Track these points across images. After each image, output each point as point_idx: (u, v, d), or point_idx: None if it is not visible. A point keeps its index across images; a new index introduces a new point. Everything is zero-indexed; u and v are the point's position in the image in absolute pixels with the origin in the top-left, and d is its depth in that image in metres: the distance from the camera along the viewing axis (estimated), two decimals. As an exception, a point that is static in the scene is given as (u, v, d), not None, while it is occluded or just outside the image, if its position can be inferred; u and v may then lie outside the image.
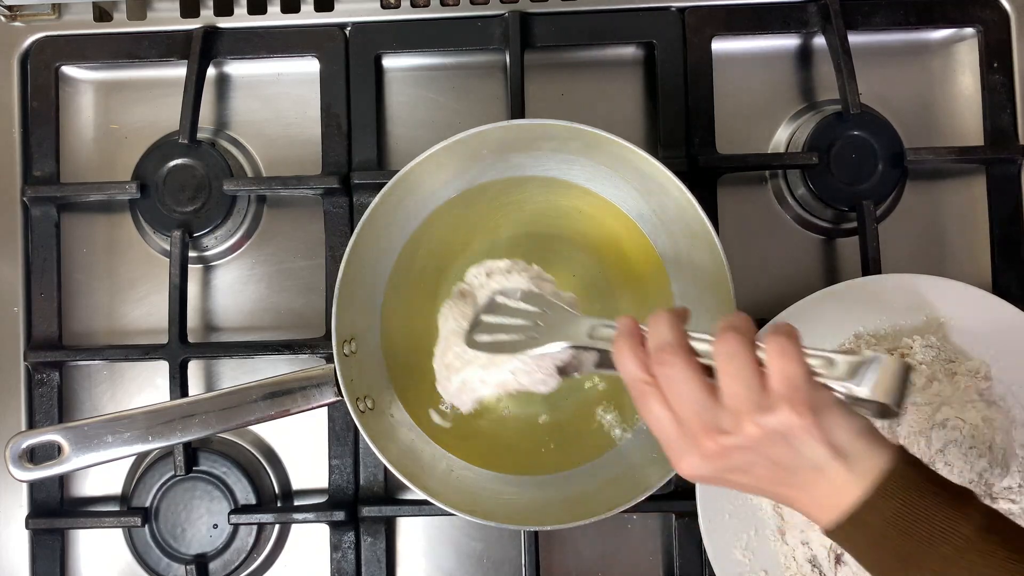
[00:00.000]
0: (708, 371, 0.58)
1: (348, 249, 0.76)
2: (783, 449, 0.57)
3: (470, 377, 0.70)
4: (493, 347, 0.69)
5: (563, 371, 0.70)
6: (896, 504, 0.55)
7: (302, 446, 0.90)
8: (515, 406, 0.83)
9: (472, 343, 0.70)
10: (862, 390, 0.56)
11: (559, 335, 0.67)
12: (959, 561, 0.54)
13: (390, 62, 0.93)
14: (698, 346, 0.59)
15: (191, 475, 0.87)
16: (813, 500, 0.58)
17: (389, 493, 0.88)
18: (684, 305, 0.81)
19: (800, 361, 0.56)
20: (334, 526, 0.87)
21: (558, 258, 0.83)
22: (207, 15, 0.93)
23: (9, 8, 0.92)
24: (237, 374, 0.91)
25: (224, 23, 0.92)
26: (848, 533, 0.57)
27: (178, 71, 0.91)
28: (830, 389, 0.57)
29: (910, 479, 0.56)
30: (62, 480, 0.89)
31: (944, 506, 0.55)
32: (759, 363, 0.57)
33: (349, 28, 0.92)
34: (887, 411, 0.57)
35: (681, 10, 0.91)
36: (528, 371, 0.69)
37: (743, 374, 0.57)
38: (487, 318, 0.71)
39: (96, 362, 0.91)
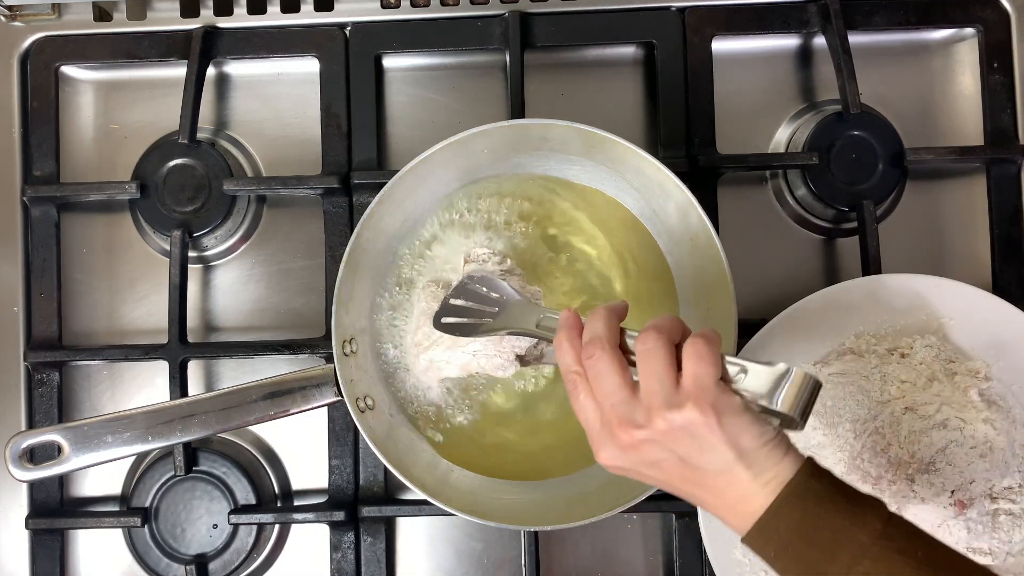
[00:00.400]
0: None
1: (348, 249, 0.76)
2: (689, 445, 0.59)
3: (436, 357, 0.76)
4: (454, 328, 0.74)
5: (522, 359, 0.74)
6: (799, 513, 0.57)
7: (302, 446, 0.90)
8: (514, 409, 0.83)
9: (437, 324, 0.75)
10: (768, 400, 0.59)
11: (508, 322, 0.72)
12: (856, 567, 0.56)
13: (390, 62, 0.93)
14: (629, 343, 0.63)
15: (191, 475, 0.87)
16: (725, 505, 0.60)
17: (389, 493, 0.88)
18: (685, 303, 0.81)
19: (711, 364, 0.59)
20: (334, 526, 0.87)
21: (559, 257, 0.83)
22: (207, 15, 0.93)
23: (9, 8, 0.92)
24: (237, 374, 0.91)
25: (224, 23, 0.92)
26: (758, 541, 0.59)
27: (178, 71, 0.91)
28: (740, 396, 0.59)
29: (812, 489, 0.58)
30: (62, 480, 0.89)
31: (844, 514, 0.57)
32: (678, 363, 0.60)
33: (349, 28, 0.92)
34: (791, 423, 0.60)
35: (681, 10, 0.91)
36: (488, 355, 0.74)
37: (658, 372, 0.59)
38: (455, 301, 0.75)
39: (96, 362, 0.91)
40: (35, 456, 0.77)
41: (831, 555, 0.56)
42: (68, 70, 0.93)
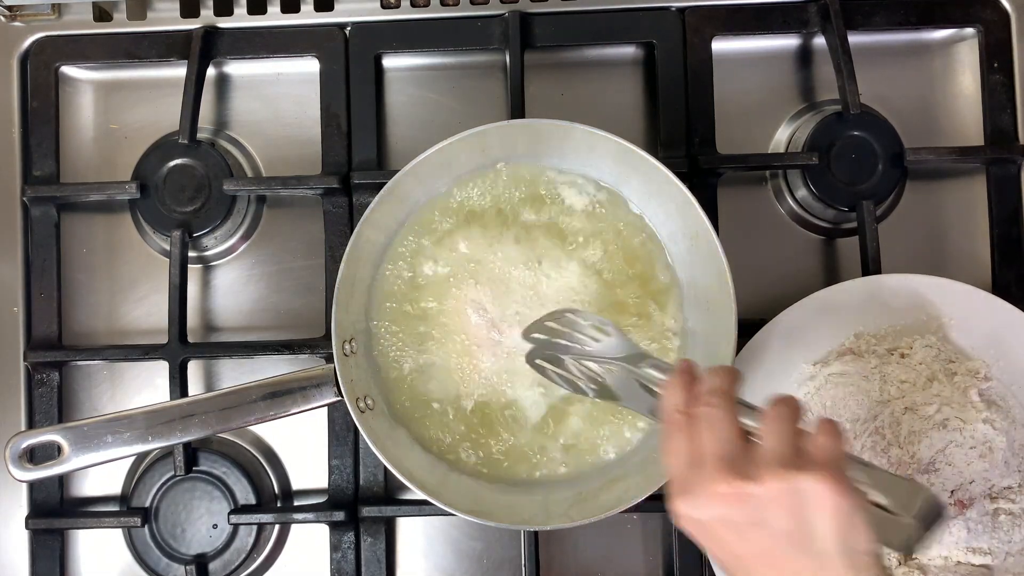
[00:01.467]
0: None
1: (348, 249, 0.76)
2: (796, 518, 0.55)
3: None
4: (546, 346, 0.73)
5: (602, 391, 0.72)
6: None
7: (302, 446, 0.90)
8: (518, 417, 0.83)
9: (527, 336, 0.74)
10: (895, 505, 0.55)
11: (615, 350, 0.70)
12: None
13: (390, 62, 0.93)
14: (742, 409, 0.61)
15: (191, 475, 0.87)
16: None
17: (389, 493, 0.88)
18: (685, 303, 0.81)
19: (840, 442, 0.56)
20: (334, 526, 0.87)
21: (560, 255, 0.83)
22: (207, 15, 0.93)
23: (9, 8, 0.92)
24: (237, 374, 0.91)
25: (224, 23, 0.92)
26: None
27: (178, 71, 0.91)
28: (868, 499, 0.56)
29: None
30: (62, 480, 0.89)
31: None
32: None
33: (349, 28, 0.92)
34: (907, 542, 0.56)
35: (681, 10, 0.91)
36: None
37: (788, 436, 0.57)
38: (550, 323, 0.73)
39: (96, 362, 0.91)
40: (35, 456, 0.77)
41: None
42: (68, 70, 0.93)
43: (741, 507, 0.56)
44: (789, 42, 0.93)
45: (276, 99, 0.94)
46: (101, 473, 0.90)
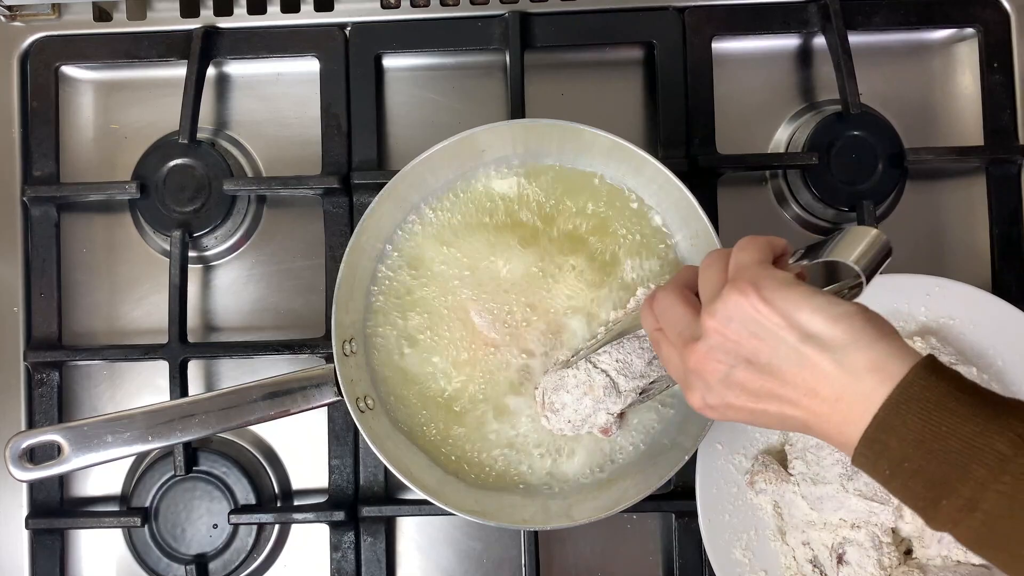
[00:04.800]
0: None
1: (348, 249, 0.76)
2: (748, 340, 0.53)
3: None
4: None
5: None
6: (917, 419, 0.47)
7: (302, 446, 0.90)
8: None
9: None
10: (815, 258, 0.53)
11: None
12: (993, 485, 0.45)
13: (390, 62, 0.93)
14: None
15: (191, 475, 0.87)
16: (826, 414, 0.50)
17: (389, 493, 0.88)
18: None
19: (754, 249, 0.55)
20: (334, 526, 0.87)
21: (561, 254, 0.83)
22: (207, 15, 0.93)
23: (9, 8, 0.92)
24: (237, 374, 0.91)
25: (224, 23, 0.92)
26: (868, 459, 0.49)
27: (178, 71, 0.91)
28: (790, 270, 0.54)
29: (931, 387, 0.47)
30: (62, 480, 0.89)
31: (977, 418, 0.46)
32: None
33: (349, 28, 0.92)
34: (854, 282, 0.53)
35: (681, 10, 0.91)
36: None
37: (711, 278, 0.56)
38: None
39: (96, 362, 0.91)
40: (35, 456, 0.77)
41: (962, 470, 0.46)
42: (68, 70, 0.93)
43: (711, 364, 0.55)
44: (789, 42, 0.93)
45: (276, 99, 0.94)
46: (101, 473, 0.90)
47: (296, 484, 0.91)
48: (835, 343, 0.50)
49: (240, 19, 0.93)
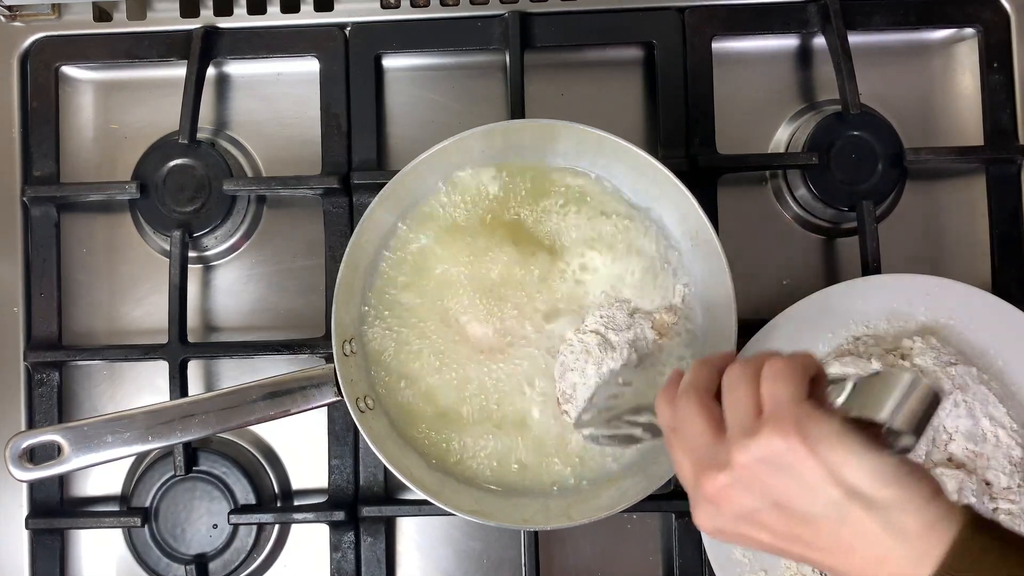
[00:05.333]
0: None
1: (348, 249, 0.76)
2: (781, 484, 0.50)
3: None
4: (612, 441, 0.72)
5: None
6: None
7: (302, 446, 0.90)
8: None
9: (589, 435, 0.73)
10: (869, 412, 0.49)
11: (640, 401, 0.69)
12: None
13: (390, 62, 0.93)
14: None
15: (191, 475, 0.87)
16: (867, 572, 0.49)
17: (389, 493, 0.88)
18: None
19: (792, 382, 0.51)
20: (334, 526, 0.87)
21: (561, 254, 0.83)
22: (207, 15, 0.93)
23: (9, 8, 0.92)
24: (237, 374, 0.91)
25: (224, 23, 0.92)
26: None
27: (178, 71, 0.91)
28: (838, 415, 0.50)
29: (986, 547, 0.46)
30: (62, 480, 0.89)
31: None
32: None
33: (349, 28, 0.92)
34: (899, 444, 0.50)
35: (681, 10, 0.91)
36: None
37: (740, 402, 0.53)
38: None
39: (96, 362, 0.91)
40: (35, 456, 0.77)
41: None
42: (68, 70, 0.93)
43: (733, 498, 0.52)
44: (789, 42, 0.93)
45: (276, 99, 0.94)
46: (101, 473, 0.90)
47: (296, 484, 0.91)
48: (882, 503, 0.48)
49: (240, 19, 0.93)
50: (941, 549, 0.47)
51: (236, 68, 0.94)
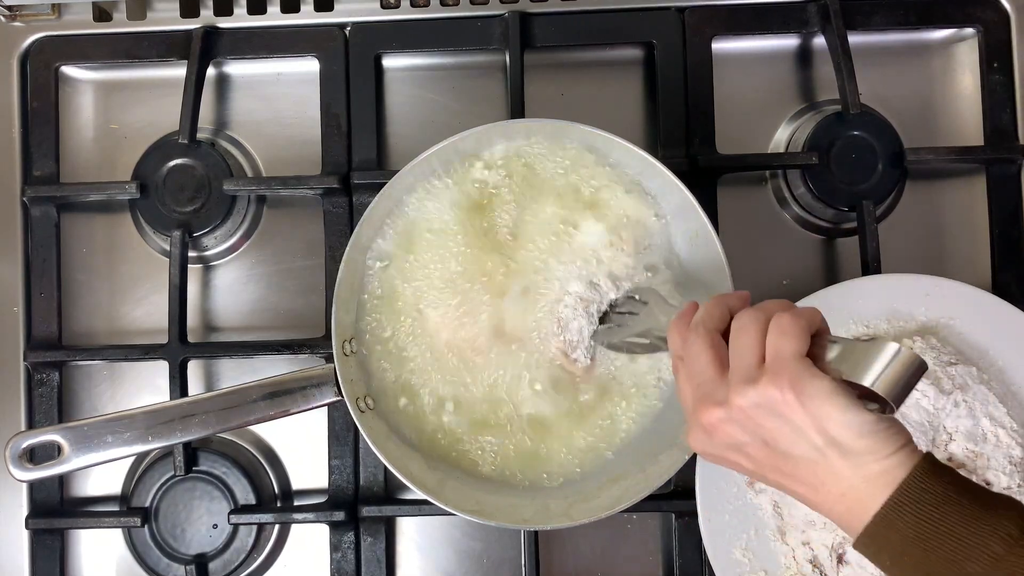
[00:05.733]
0: None
1: (348, 249, 0.76)
2: (772, 427, 0.56)
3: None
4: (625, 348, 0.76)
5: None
6: (915, 518, 0.51)
7: (302, 446, 0.90)
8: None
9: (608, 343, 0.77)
10: (860, 378, 0.54)
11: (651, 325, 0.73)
12: None
13: (390, 62, 0.93)
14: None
15: (191, 475, 0.87)
16: (827, 501, 0.56)
17: (389, 493, 0.88)
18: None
19: (794, 337, 0.56)
20: (334, 526, 0.87)
21: (562, 252, 0.82)
22: (207, 15, 0.93)
23: (9, 8, 0.92)
24: (237, 374, 0.91)
25: (224, 23, 0.92)
26: (870, 548, 0.54)
27: (178, 71, 0.91)
28: (830, 375, 0.55)
29: (931, 489, 0.52)
30: (62, 480, 0.89)
31: (971, 519, 0.50)
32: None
33: (349, 28, 0.92)
34: (884, 405, 0.55)
35: (681, 10, 0.91)
36: None
37: (745, 349, 0.57)
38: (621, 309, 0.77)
39: (96, 362, 0.91)
40: (35, 456, 0.77)
41: (958, 567, 0.50)
42: (68, 70, 0.93)
43: (726, 431, 0.58)
44: (789, 42, 0.93)
45: (276, 99, 0.94)
46: (101, 473, 0.90)
47: (296, 484, 0.91)
48: (856, 451, 0.54)
49: (240, 19, 0.93)
50: (893, 487, 0.53)
51: (236, 68, 0.94)
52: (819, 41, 0.92)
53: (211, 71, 0.93)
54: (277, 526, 0.89)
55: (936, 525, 0.51)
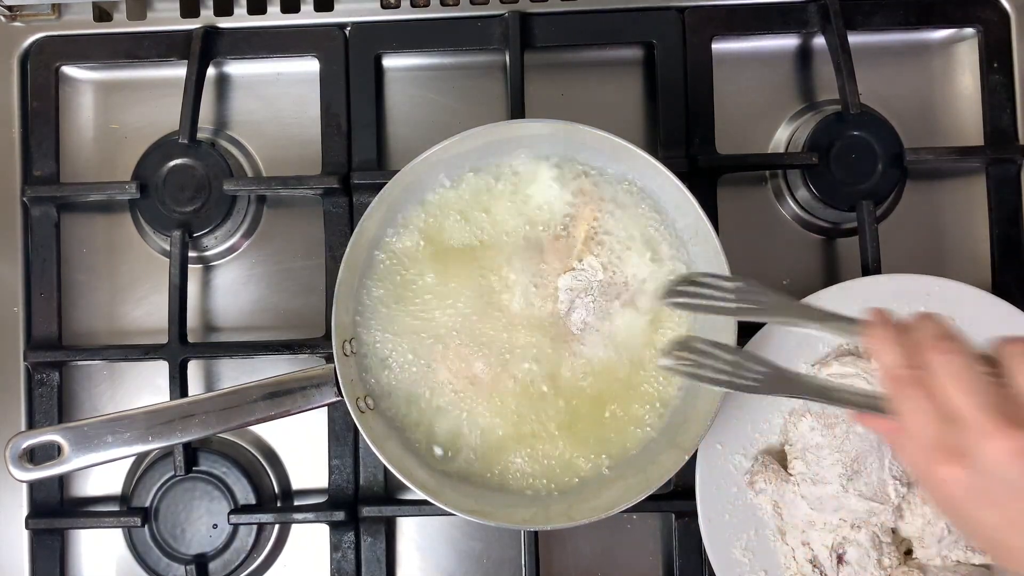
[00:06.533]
0: None
1: (348, 249, 0.76)
2: None
3: None
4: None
5: None
6: None
7: (302, 446, 0.90)
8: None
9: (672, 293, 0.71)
10: None
11: (792, 315, 0.68)
12: None
13: (390, 62, 0.93)
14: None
15: (191, 475, 0.87)
16: None
17: (389, 493, 0.88)
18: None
19: None
20: (334, 526, 0.87)
21: (562, 253, 0.83)
22: (207, 15, 0.93)
23: (9, 8, 0.92)
24: (237, 374, 0.91)
25: (224, 23, 0.92)
26: None
27: (178, 71, 0.91)
28: None
29: None
30: (62, 480, 0.89)
31: None
32: None
33: (349, 28, 0.92)
34: None
35: (681, 10, 0.91)
36: None
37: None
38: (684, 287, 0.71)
39: (96, 362, 0.91)
40: (35, 456, 0.77)
41: None
42: (68, 70, 0.93)
43: (1016, 462, 0.51)
44: (789, 42, 0.93)
45: (276, 99, 0.94)
46: (101, 473, 0.90)
47: (296, 484, 0.91)
48: None
49: (240, 19, 0.93)
50: None
51: (236, 68, 0.94)
52: (819, 41, 0.92)
53: (211, 71, 0.93)
54: (277, 526, 0.89)
55: None
